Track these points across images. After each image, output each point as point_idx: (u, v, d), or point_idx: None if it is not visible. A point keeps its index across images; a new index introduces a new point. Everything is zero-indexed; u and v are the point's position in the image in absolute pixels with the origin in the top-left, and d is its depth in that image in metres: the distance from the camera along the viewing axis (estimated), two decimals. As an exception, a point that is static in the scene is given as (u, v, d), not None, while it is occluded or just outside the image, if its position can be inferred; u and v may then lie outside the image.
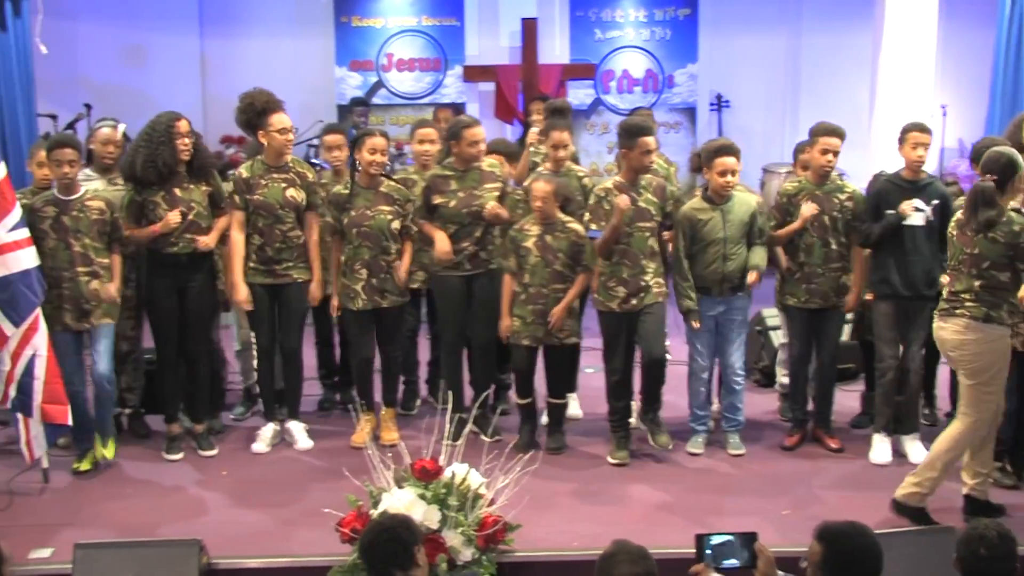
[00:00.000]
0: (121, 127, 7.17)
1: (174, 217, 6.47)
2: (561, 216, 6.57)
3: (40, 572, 5.17)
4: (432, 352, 7.69)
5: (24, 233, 6.13)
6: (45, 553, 5.40)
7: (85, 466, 6.50)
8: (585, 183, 6.99)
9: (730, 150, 6.55)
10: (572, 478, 6.36)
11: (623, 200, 6.32)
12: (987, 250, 5.39)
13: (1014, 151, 5.52)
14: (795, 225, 6.61)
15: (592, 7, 12.50)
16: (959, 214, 5.61)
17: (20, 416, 6.18)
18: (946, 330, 5.55)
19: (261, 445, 6.84)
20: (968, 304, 5.45)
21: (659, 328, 6.60)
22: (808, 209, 6.57)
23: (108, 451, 6.60)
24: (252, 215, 6.70)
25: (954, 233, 5.58)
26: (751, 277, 6.54)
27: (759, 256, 6.58)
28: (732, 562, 4.02)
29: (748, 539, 4.03)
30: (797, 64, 12.60)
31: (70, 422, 6.27)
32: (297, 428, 6.93)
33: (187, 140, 6.53)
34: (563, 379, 6.85)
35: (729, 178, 6.49)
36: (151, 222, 6.53)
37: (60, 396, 6.20)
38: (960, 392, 5.63)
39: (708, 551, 4.02)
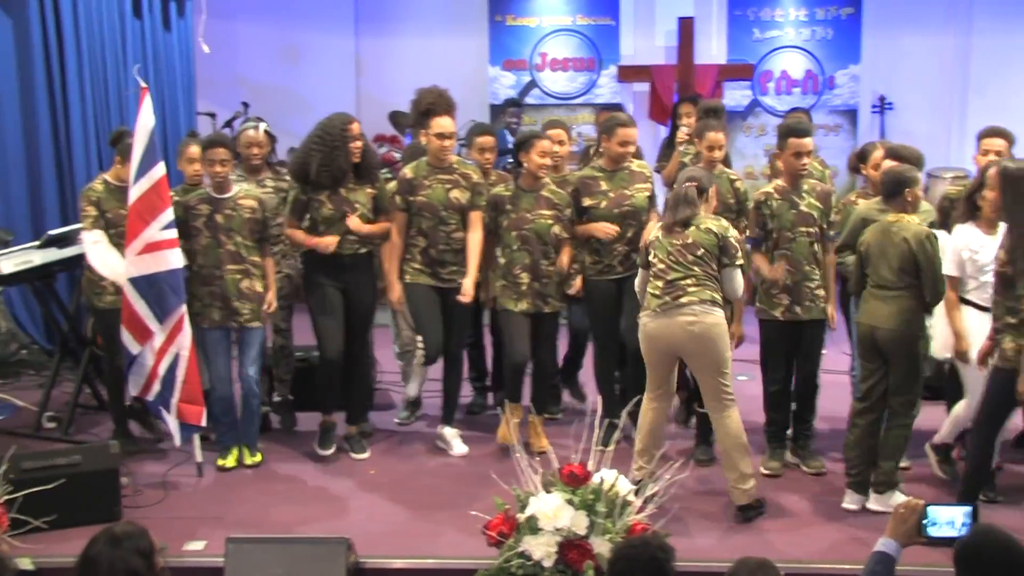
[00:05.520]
0: (262, 126, 7.21)
1: (331, 241, 6.48)
2: None
3: (193, 564, 5.21)
4: (568, 351, 7.61)
5: (174, 233, 6.21)
6: (198, 546, 5.47)
7: (230, 463, 6.57)
8: (738, 187, 6.77)
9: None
10: (723, 487, 6.19)
11: (775, 271, 6.23)
12: None
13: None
14: None
15: (751, 6, 12.22)
16: None
17: (163, 409, 6.28)
18: None
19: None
20: None
21: (819, 344, 6.42)
22: None
23: (255, 458, 6.64)
24: (416, 216, 6.65)
25: None
26: None
27: None
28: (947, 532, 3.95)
29: (973, 514, 3.97)
30: (966, 65, 12.10)
31: (203, 423, 6.33)
32: (451, 434, 6.88)
33: (359, 143, 6.54)
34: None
35: None
36: (313, 220, 6.56)
37: (197, 397, 6.27)
38: None
39: (927, 520, 3.93)
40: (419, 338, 7.04)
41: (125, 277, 6.16)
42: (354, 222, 6.52)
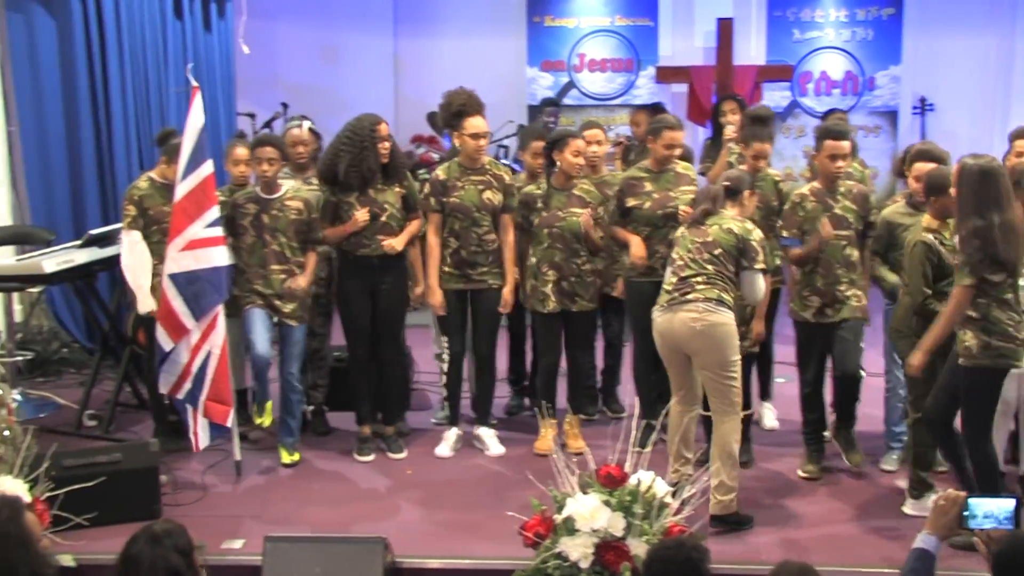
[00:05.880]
0: (306, 124, 7.24)
1: (362, 216, 6.49)
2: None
3: (232, 562, 5.24)
4: (605, 360, 7.57)
5: (219, 231, 6.25)
6: (237, 544, 5.49)
7: (267, 421, 6.65)
8: (781, 187, 6.73)
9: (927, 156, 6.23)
10: (759, 490, 6.18)
11: (827, 229, 6.09)
12: None
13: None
14: None
15: (791, 7, 12.17)
16: None
17: (190, 407, 6.30)
18: None
19: (445, 449, 6.81)
20: None
21: (854, 344, 6.30)
22: None
23: (294, 457, 6.67)
24: (448, 217, 6.66)
25: None
26: None
27: None
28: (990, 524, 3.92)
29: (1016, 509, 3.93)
30: (1009, 66, 12.00)
31: (229, 424, 6.33)
32: (488, 434, 6.87)
33: (387, 144, 6.55)
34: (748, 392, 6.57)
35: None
36: (344, 223, 6.58)
37: (225, 396, 6.28)
38: None
39: (968, 512, 3.91)
40: (444, 339, 7.05)
41: (165, 273, 6.20)
42: (388, 243, 6.54)
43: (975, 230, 5.12)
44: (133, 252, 6.60)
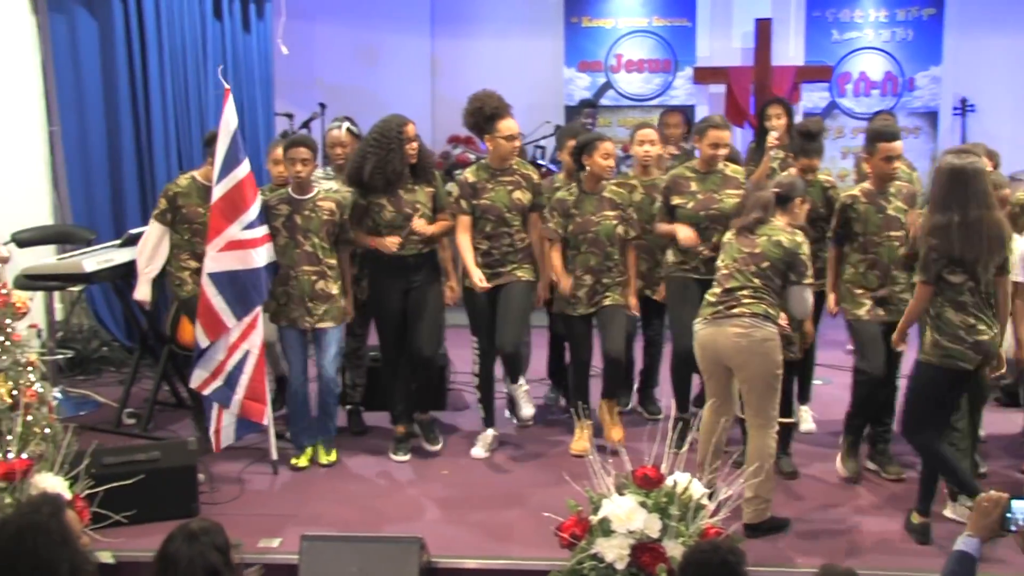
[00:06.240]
0: (345, 125, 7.26)
1: (392, 242, 6.51)
2: None
3: (268, 561, 5.24)
4: (644, 359, 7.55)
5: (261, 231, 6.28)
6: (273, 543, 5.52)
7: (303, 462, 6.61)
8: (831, 195, 6.67)
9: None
10: (796, 492, 6.16)
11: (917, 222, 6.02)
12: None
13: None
14: None
15: (830, 7, 12.07)
16: None
17: (216, 405, 6.34)
18: None
19: (480, 450, 6.81)
20: None
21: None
22: None
23: (330, 457, 6.69)
24: (479, 219, 6.66)
25: None
26: None
27: None
28: None
29: None
30: (1052, 66, 11.86)
31: (265, 422, 6.38)
32: (520, 392, 6.74)
33: (414, 144, 6.55)
34: (789, 398, 6.48)
35: None
36: (375, 223, 6.59)
37: (261, 395, 6.33)
38: None
39: (1011, 513, 3.87)
40: (474, 340, 7.05)
41: (204, 272, 6.25)
42: (418, 223, 6.54)
43: (933, 227, 5.22)
44: (149, 240, 6.71)
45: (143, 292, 6.78)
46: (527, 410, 6.75)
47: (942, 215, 5.20)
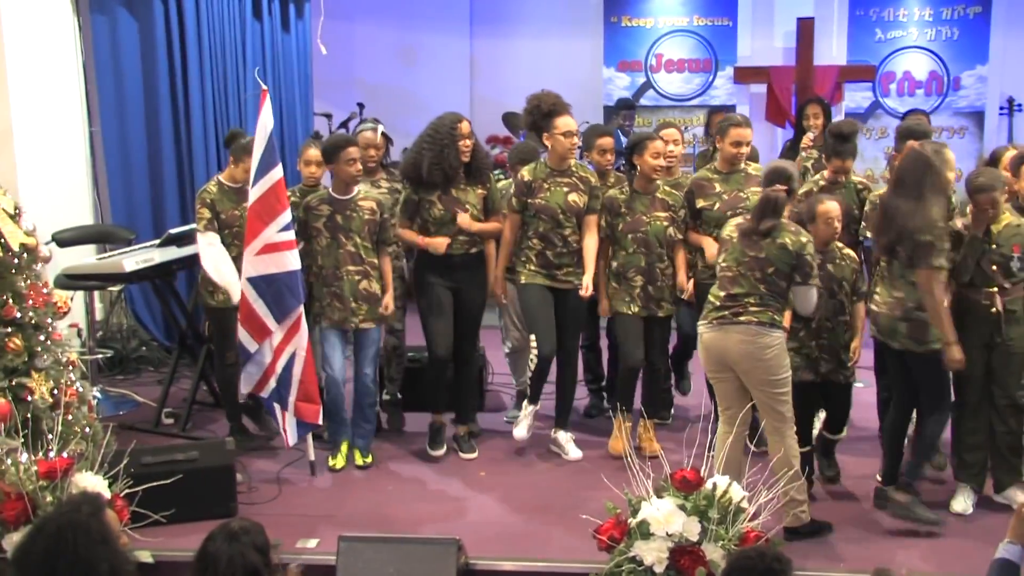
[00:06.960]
0: (380, 128, 7.26)
1: (442, 242, 6.52)
2: (837, 242, 6.04)
3: (306, 561, 5.23)
4: (675, 349, 7.50)
5: (291, 235, 6.27)
6: (311, 543, 5.52)
7: (339, 463, 6.61)
8: (864, 197, 6.59)
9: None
10: (838, 495, 6.13)
11: None
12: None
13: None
14: None
15: (873, 6, 11.94)
16: None
17: (278, 406, 6.35)
18: None
19: (522, 430, 6.72)
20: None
21: None
22: None
23: (367, 459, 6.67)
24: (532, 219, 6.62)
25: None
26: None
27: None
28: None
29: None
30: (1100, 65, 11.68)
31: (320, 422, 6.41)
32: (565, 438, 6.81)
33: (468, 141, 6.55)
34: (845, 414, 6.37)
35: None
36: (424, 220, 6.59)
37: (314, 396, 6.33)
38: None
39: None
40: (532, 337, 7.01)
41: (243, 276, 6.25)
42: (464, 219, 6.53)
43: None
44: (215, 255, 6.59)
45: (237, 296, 6.45)
46: (574, 454, 6.77)
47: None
